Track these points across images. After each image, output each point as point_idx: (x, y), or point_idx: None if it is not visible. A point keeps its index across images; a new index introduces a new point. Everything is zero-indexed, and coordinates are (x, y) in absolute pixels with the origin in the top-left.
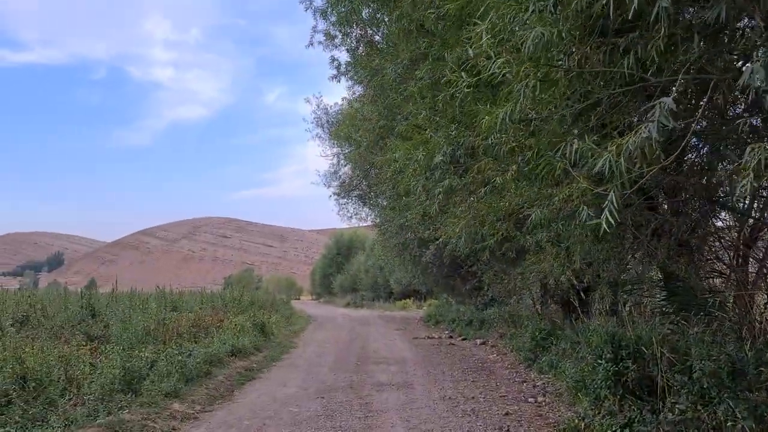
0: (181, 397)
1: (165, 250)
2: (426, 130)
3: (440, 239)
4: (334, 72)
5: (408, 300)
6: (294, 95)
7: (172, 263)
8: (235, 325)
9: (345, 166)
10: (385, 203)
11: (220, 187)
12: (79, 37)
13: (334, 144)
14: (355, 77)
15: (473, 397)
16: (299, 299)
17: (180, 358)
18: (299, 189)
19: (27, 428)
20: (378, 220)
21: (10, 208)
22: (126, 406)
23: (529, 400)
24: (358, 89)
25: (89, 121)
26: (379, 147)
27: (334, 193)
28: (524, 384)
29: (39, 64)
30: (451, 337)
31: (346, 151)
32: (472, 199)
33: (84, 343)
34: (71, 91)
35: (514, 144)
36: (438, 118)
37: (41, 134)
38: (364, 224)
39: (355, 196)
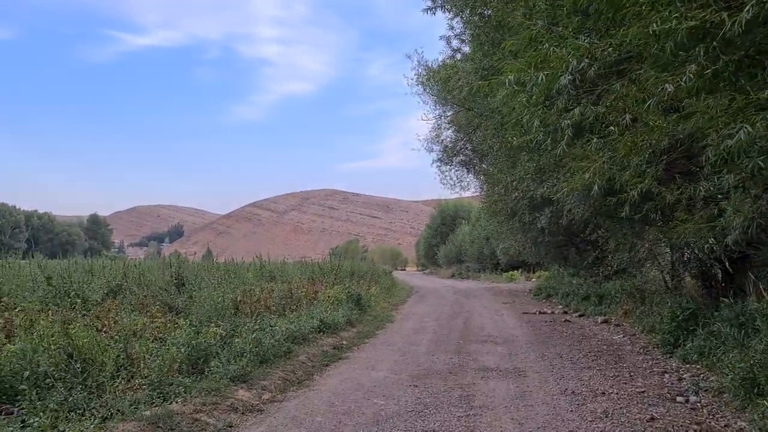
0: (249, 381)
1: (275, 221)
2: (544, 43)
3: (559, 194)
4: (429, 3)
5: (515, 271)
6: (397, 66)
7: (282, 234)
8: (329, 296)
9: (447, 129)
10: (490, 167)
11: (326, 160)
12: (195, 19)
13: (435, 106)
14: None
15: (603, 392)
16: (404, 270)
17: (255, 335)
18: (404, 160)
19: (59, 420)
20: (484, 187)
21: (137, 183)
22: (183, 393)
23: (678, 399)
24: (458, 25)
25: (205, 99)
26: (482, 94)
27: (436, 160)
28: (665, 375)
29: (158, 46)
30: (565, 312)
31: (449, 113)
32: (612, 130)
33: (159, 315)
34: (189, 70)
35: (697, 22)
36: (561, 28)
37: (163, 113)
38: (468, 193)
39: (458, 163)
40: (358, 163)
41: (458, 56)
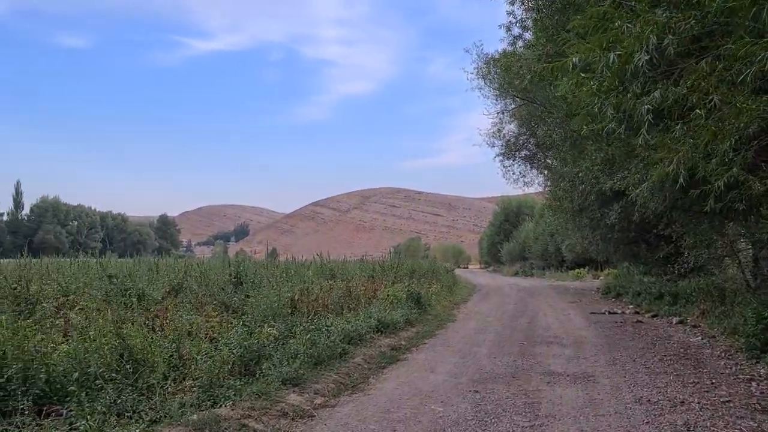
0: (302, 385)
1: (337, 220)
2: (615, 21)
3: (632, 187)
4: None
5: (582, 269)
6: (458, 63)
7: (344, 233)
8: (388, 295)
9: (509, 123)
10: (554, 161)
11: (388, 158)
12: (258, 22)
13: (497, 100)
14: None
15: (682, 402)
16: (467, 268)
17: (309, 335)
18: (466, 157)
19: (107, 422)
20: (548, 182)
21: (204, 184)
22: (233, 396)
23: None
24: (519, 11)
25: (269, 100)
26: (547, 82)
27: (499, 155)
28: (752, 383)
29: (224, 50)
30: (637, 312)
31: (510, 106)
32: (696, 114)
33: (214, 315)
34: (253, 73)
35: None
36: (634, 2)
37: (228, 115)
38: (531, 189)
39: (522, 158)
40: (420, 160)
41: (519, 44)
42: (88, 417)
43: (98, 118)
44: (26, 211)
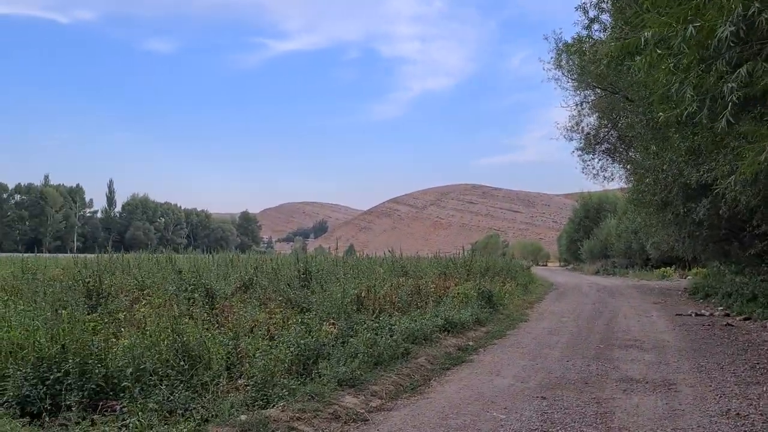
0: (359, 386)
1: (414, 216)
2: None
3: (719, 180)
4: None
5: (668, 268)
6: (536, 58)
7: (421, 229)
8: (458, 293)
9: (589, 116)
10: (637, 154)
11: (465, 155)
12: (336, 22)
13: (575, 92)
14: None
15: None
16: (546, 265)
17: (370, 334)
18: (545, 153)
19: (158, 420)
20: (631, 177)
21: (284, 182)
22: (286, 396)
23: None
24: None
25: (346, 99)
26: (624, 66)
27: (577, 149)
28: None
29: (301, 50)
30: (727, 315)
31: (590, 98)
32: None
33: (277, 311)
34: (330, 72)
35: None
36: None
37: (306, 114)
38: (612, 185)
39: (602, 151)
40: (498, 157)
41: (595, 27)
42: (140, 414)
43: (183, 119)
44: (118, 208)
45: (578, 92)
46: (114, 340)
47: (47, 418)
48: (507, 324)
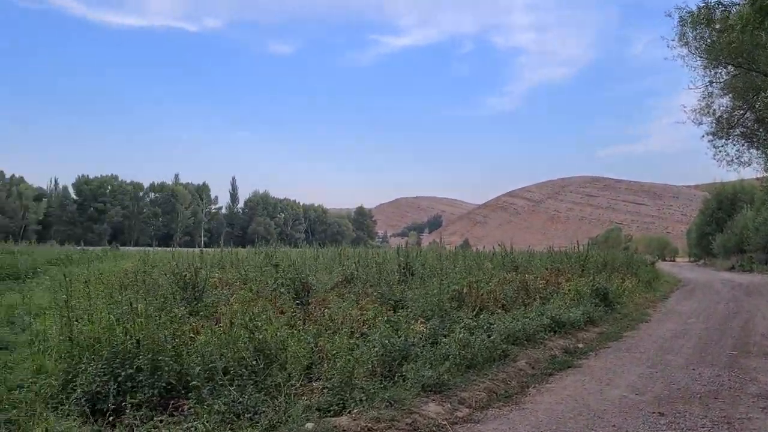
0: (446, 392)
1: (531, 210)
2: None
3: None
4: None
5: None
6: (662, 40)
7: (538, 223)
8: (569, 290)
9: (720, 97)
10: None
11: (584, 146)
12: (450, 15)
13: (704, 72)
14: None
15: None
16: (674, 261)
17: (462, 334)
18: (671, 142)
19: (224, 423)
20: None
21: (399, 176)
22: (364, 401)
23: None
24: None
25: (460, 92)
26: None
27: (708, 133)
28: None
29: (416, 45)
30: None
31: (722, 78)
32: None
33: (369, 307)
34: (444, 66)
35: None
36: None
37: (420, 108)
38: (749, 172)
39: (737, 136)
40: (620, 147)
41: None
42: (206, 416)
43: (301, 118)
44: (241, 204)
45: (707, 71)
46: (192, 336)
47: (111, 417)
48: (624, 324)
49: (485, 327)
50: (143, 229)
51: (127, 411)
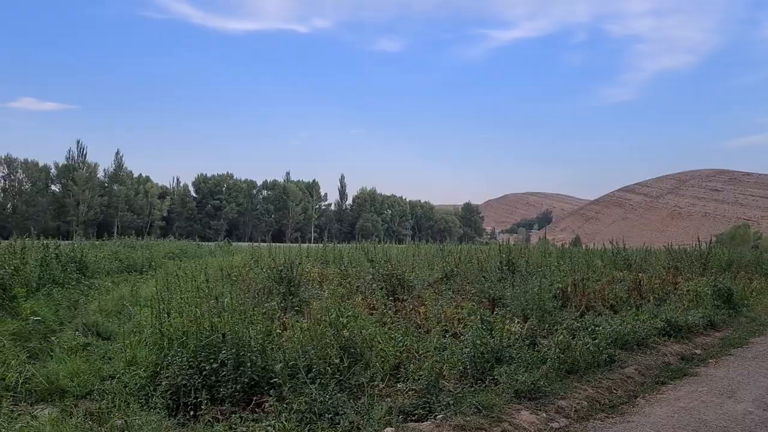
0: (541, 399)
1: (648, 206)
2: None
3: None
4: None
5: None
6: None
7: (656, 220)
8: (688, 290)
9: None
10: None
11: (707, 137)
12: (562, 5)
13: None
14: None
15: None
16: None
17: (563, 336)
18: None
19: (302, 423)
20: None
21: (507, 172)
22: (451, 406)
23: None
24: None
25: (571, 84)
26: None
27: None
28: None
29: (525, 38)
30: None
31: None
32: None
33: (466, 305)
34: (554, 57)
35: None
36: None
37: (529, 102)
38: None
39: None
40: (748, 137)
41: None
42: (285, 415)
43: (408, 114)
44: (349, 201)
45: None
46: (279, 331)
47: (192, 411)
48: (751, 329)
49: (590, 329)
50: (256, 225)
51: (207, 405)
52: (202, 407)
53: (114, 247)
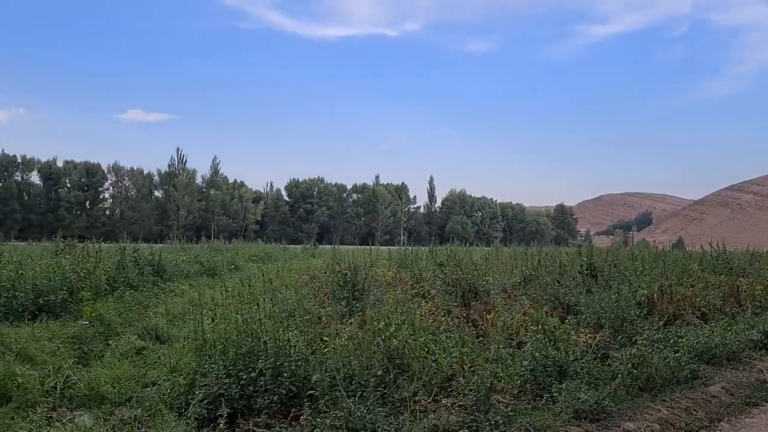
0: (604, 421)
1: (759, 206)
2: None
3: None
4: None
5: None
6: None
7: None
8: None
9: None
10: None
11: None
12: None
13: None
14: None
15: None
16: None
17: (636, 348)
18: None
19: None
20: None
21: (602, 172)
22: (496, 426)
23: None
24: None
25: (668, 78)
26: None
27: None
28: None
29: (620, 32)
30: None
31: None
32: None
33: (532, 312)
34: (654, 51)
35: None
36: None
37: (628, 99)
38: None
39: None
40: None
41: None
42: (317, 431)
43: (497, 115)
44: (438, 203)
45: None
46: (326, 338)
47: (227, 422)
48: None
49: (672, 340)
50: (347, 228)
51: (243, 417)
52: (238, 419)
53: (197, 251)
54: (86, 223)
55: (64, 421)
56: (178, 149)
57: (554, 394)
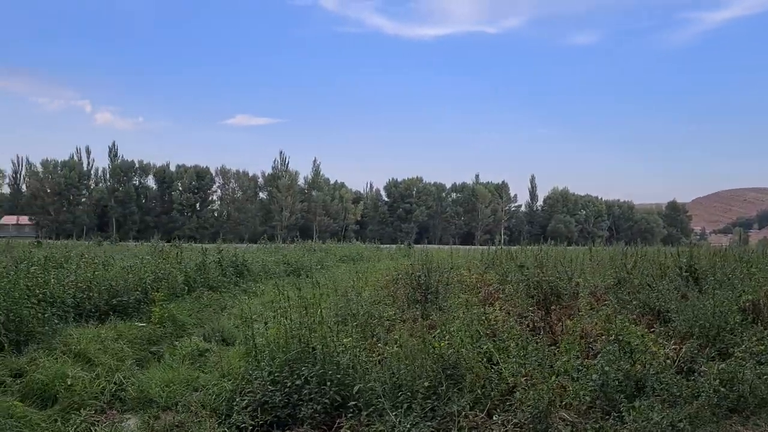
0: None
1: None
2: None
3: None
4: None
5: None
6: None
7: None
8: None
9: None
10: None
11: None
12: None
13: None
14: None
15: None
16: None
17: (727, 363)
18: None
19: None
20: None
21: (719, 167)
22: None
23: None
24: None
25: None
26: None
27: None
28: None
29: (738, 17)
30: None
31: None
32: None
33: (613, 319)
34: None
35: None
36: None
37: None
38: None
39: None
40: None
41: None
42: None
43: (602, 110)
44: (540, 202)
45: None
46: (381, 346)
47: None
48: None
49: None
50: (446, 228)
51: (286, 427)
52: (280, 429)
53: (287, 251)
54: (196, 224)
55: (107, 425)
56: (281, 152)
57: (622, 414)
